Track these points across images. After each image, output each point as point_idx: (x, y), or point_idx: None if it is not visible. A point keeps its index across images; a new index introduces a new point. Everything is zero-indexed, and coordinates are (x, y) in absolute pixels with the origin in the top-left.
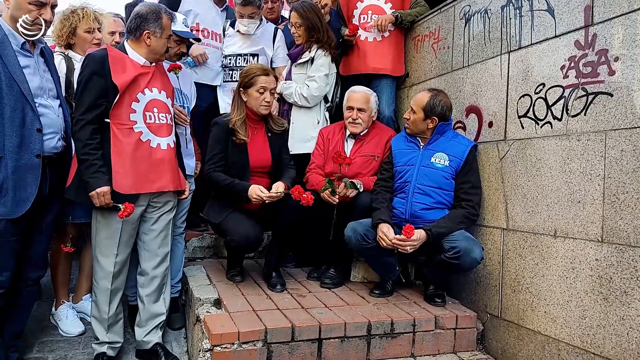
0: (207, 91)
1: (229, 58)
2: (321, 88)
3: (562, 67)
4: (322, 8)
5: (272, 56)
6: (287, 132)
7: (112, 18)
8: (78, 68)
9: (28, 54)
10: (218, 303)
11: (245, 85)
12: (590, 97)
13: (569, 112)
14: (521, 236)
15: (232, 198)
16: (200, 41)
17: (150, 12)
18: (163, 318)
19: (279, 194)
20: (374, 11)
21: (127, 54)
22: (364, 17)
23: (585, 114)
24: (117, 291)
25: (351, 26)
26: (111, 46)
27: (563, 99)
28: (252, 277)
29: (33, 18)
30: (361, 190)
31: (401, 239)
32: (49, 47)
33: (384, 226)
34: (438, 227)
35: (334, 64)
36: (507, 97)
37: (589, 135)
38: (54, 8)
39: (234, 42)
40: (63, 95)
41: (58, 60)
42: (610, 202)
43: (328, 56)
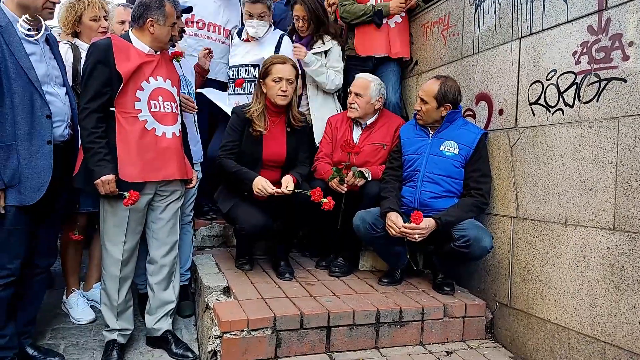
0: (217, 87)
1: (232, 69)
2: (342, 78)
3: (575, 53)
4: (330, 7)
5: None
6: (309, 128)
7: (122, 7)
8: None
9: (34, 41)
10: (227, 291)
11: (263, 75)
12: (603, 83)
13: (581, 99)
14: (531, 224)
15: (239, 186)
16: (191, 10)
17: (153, 0)
18: (173, 306)
19: (288, 192)
20: None
21: (132, 43)
22: None
23: (597, 101)
24: (126, 279)
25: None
26: (116, 35)
27: (575, 86)
28: (261, 266)
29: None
30: (369, 179)
31: (410, 227)
32: (54, 35)
33: (393, 215)
34: (447, 216)
35: None
36: (518, 84)
37: (601, 122)
38: None
39: (238, 53)
40: (70, 83)
41: (65, 49)
42: (622, 190)
43: (339, 46)
